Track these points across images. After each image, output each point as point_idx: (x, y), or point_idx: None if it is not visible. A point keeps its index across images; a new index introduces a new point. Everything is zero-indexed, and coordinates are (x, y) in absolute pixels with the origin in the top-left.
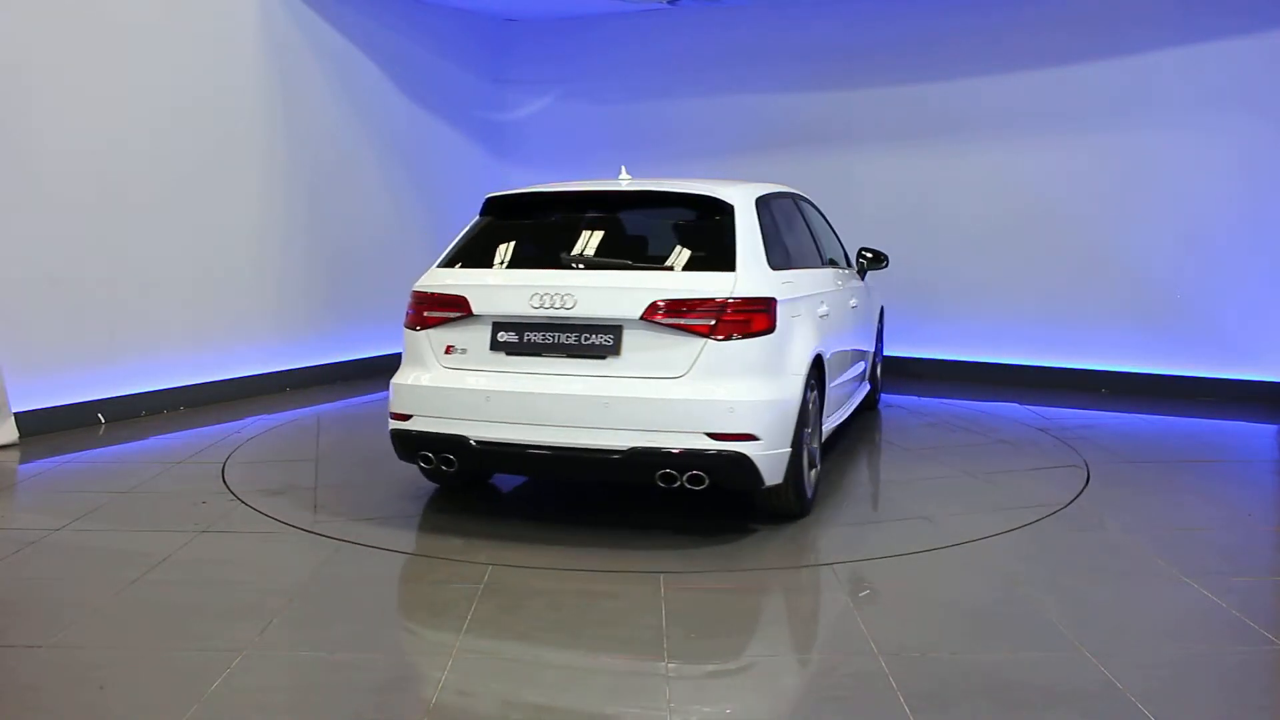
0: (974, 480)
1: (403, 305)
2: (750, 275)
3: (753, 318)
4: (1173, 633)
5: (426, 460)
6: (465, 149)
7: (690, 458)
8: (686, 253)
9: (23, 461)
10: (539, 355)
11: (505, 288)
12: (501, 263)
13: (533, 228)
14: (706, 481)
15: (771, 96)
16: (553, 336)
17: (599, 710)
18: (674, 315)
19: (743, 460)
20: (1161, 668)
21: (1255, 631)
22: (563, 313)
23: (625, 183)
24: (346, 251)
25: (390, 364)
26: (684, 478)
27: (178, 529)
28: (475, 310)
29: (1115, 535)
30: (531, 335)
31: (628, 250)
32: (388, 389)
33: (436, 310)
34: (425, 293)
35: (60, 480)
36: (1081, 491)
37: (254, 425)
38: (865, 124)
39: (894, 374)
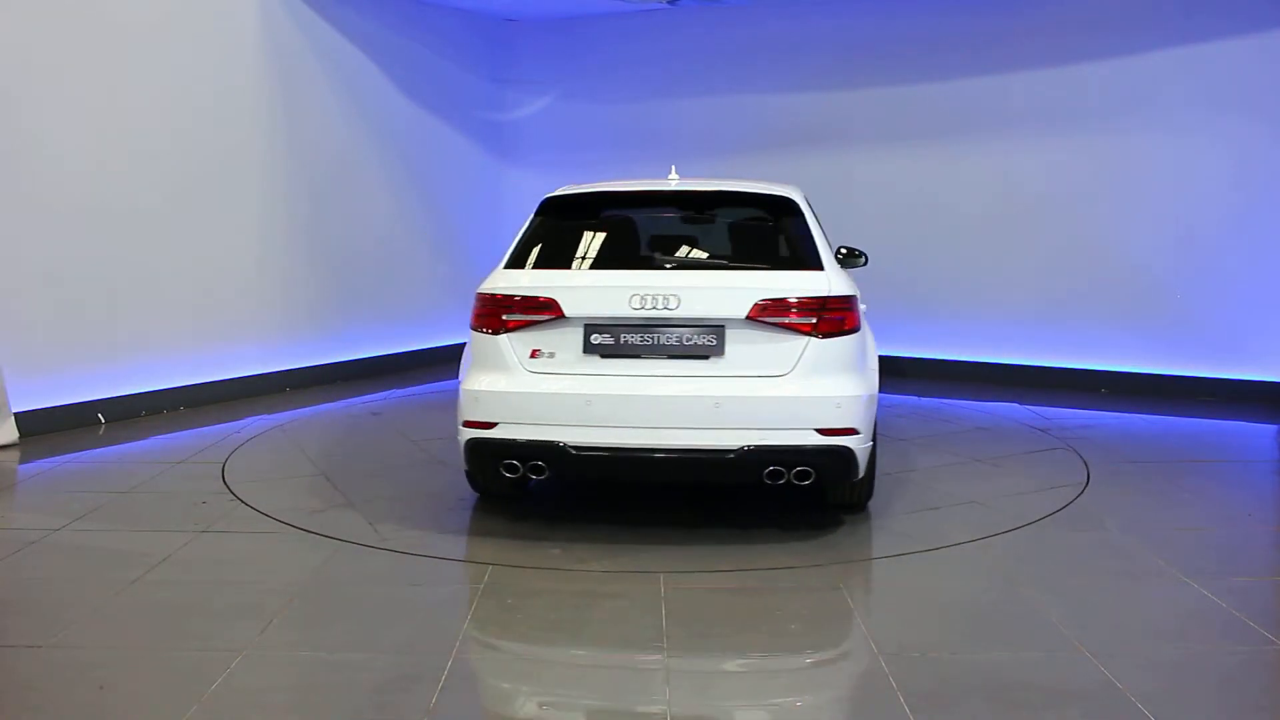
0: (973, 480)
1: (404, 304)
2: (836, 273)
3: (846, 315)
4: (1173, 633)
5: (511, 469)
6: (465, 149)
7: (802, 454)
8: (771, 251)
9: (23, 461)
10: (638, 357)
11: (601, 289)
12: (581, 263)
13: (605, 227)
14: (812, 477)
15: (771, 96)
16: (652, 337)
17: (599, 710)
18: (779, 314)
19: (847, 454)
20: (1161, 668)
21: (1255, 631)
22: (665, 313)
23: (694, 182)
24: (346, 251)
25: (391, 364)
26: (791, 474)
27: (178, 529)
28: (567, 313)
29: (1115, 535)
30: (629, 337)
31: (712, 250)
32: (387, 389)
33: (520, 313)
34: (505, 295)
35: (60, 480)
36: (1082, 491)
37: (254, 425)
38: (865, 124)
39: (893, 374)
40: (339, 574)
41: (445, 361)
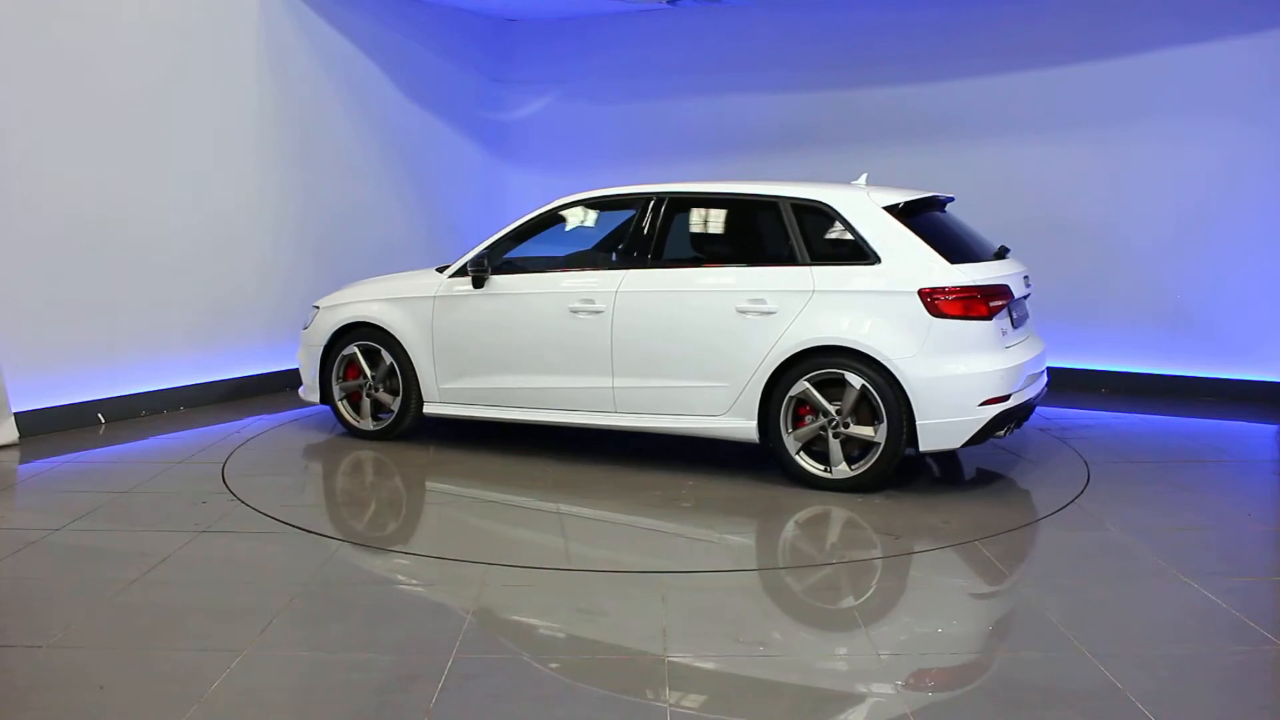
0: (973, 480)
1: None
2: None
3: None
4: (1173, 633)
5: (998, 428)
6: (465, 149)
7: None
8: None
9: (23, 461)
10: (1016, 327)
11: (1015, 275)
12: (965, 256)
13: (938, 226)
14: None
15: (773, 96)
16: (1017, 310)
17: (599, 710)
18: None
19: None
20: (1161, 668)
21: (1255, 631)
22: (1026, 291)
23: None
24: (347, 251)
25: None
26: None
27: (178, 529)
28: (1016, 295)
29: (1115, 535)
30: (1015, 311)
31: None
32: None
33: (998, 299)
34: (995, 285)
35: (60, 480)
36: (1081, 491)
37: (254, 425)
38: (866, 124)
39: None
40: (339, 574)
41: None
